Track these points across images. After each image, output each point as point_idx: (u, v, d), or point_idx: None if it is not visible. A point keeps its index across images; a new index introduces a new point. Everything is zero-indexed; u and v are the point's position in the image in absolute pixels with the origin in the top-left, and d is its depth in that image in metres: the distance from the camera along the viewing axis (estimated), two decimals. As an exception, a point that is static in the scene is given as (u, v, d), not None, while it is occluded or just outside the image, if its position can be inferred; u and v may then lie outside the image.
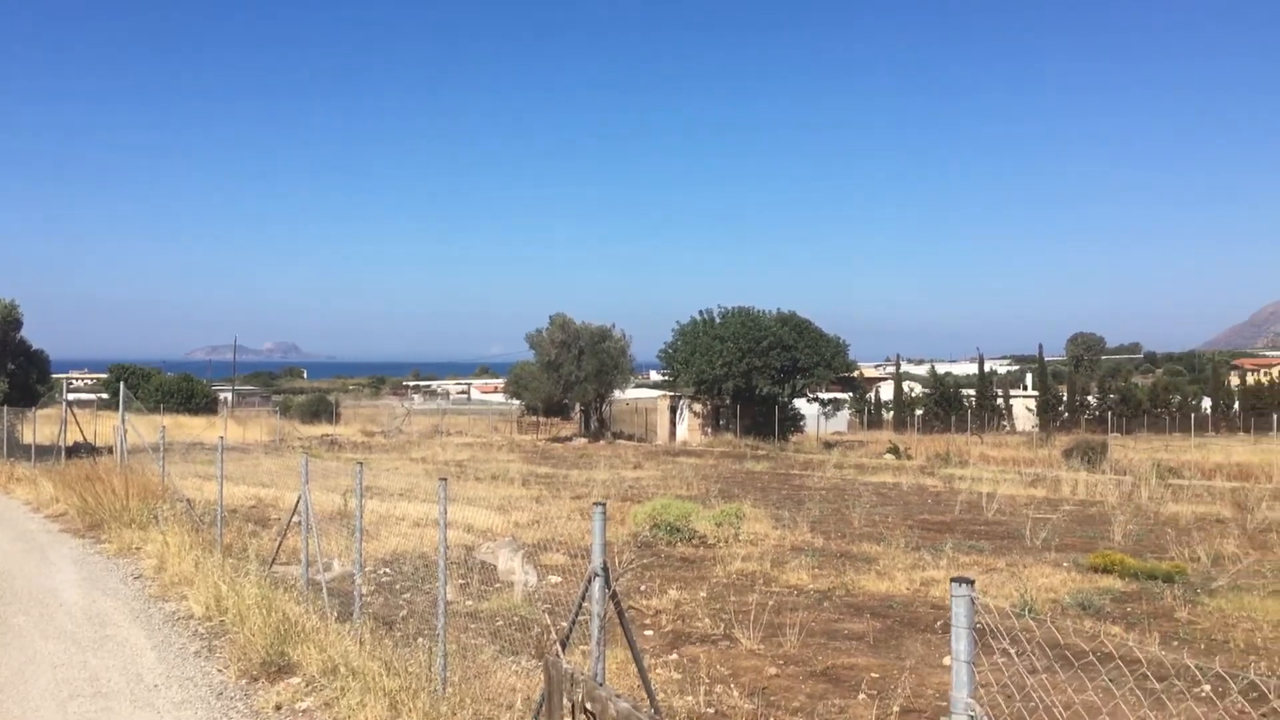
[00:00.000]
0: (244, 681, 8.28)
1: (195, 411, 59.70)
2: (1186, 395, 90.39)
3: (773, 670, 8.86)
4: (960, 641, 2.98)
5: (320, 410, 66.68)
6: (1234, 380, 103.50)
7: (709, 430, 52.58)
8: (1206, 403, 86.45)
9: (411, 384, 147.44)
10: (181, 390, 64.39)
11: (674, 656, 9.32)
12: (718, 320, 51.96)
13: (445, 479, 7.69)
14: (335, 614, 9.32)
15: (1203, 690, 7.62)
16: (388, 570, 13.36)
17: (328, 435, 49.51)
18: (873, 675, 8.71)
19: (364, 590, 9.96)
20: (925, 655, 9.35)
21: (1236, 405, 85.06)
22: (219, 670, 8.67)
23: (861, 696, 8.11)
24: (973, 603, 2.96)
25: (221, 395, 74.38)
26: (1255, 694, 7.33)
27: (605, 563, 4.98)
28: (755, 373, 49.17)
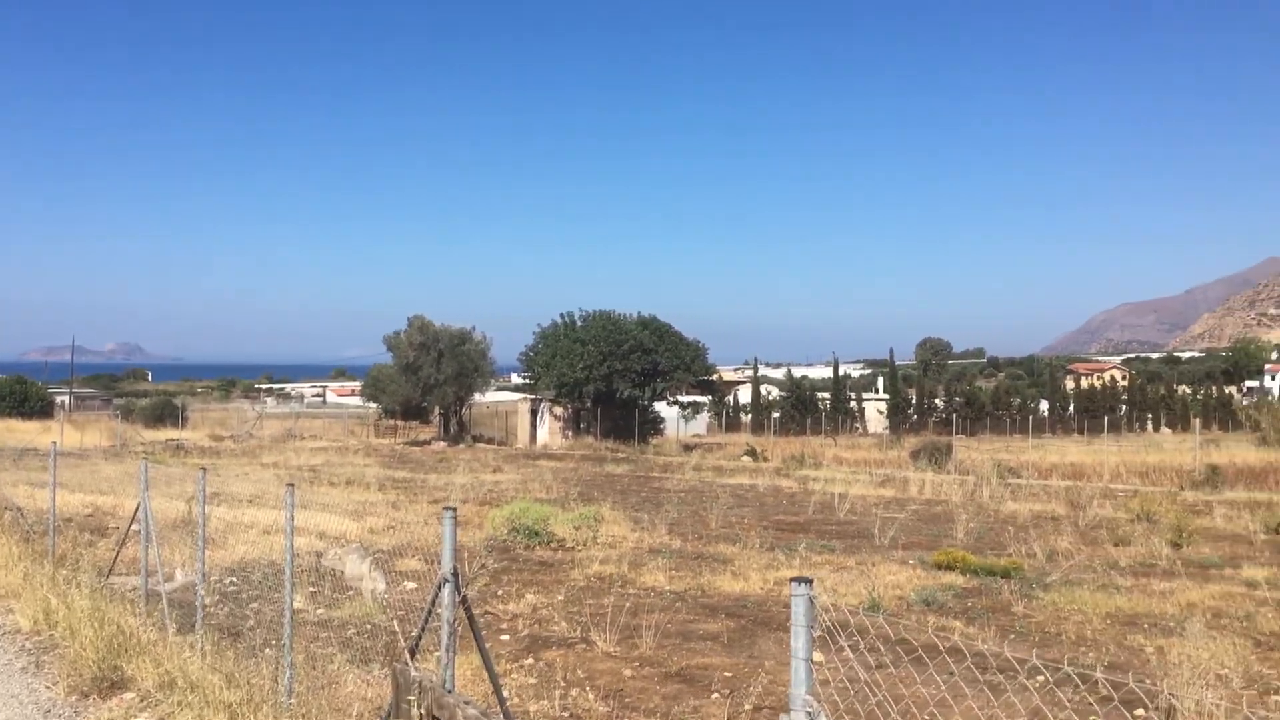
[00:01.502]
0: (74, 698, 7.88)
1: (29, 415, 56.76)
2: (1026, 398, 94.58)
3: (629, 672, 8.89)
4: (799, 639, 3.03)
5: (166, 414, 64.03)
6: (1069, 384, 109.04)
7: (570, 433, 52.55)
8: (1044, 405, 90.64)
9: (264, 387, 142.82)
10: (14, 393, 61.09)
11: (530, 660, 9.27)
12: (579, 323, 51.98)
13: (293, 484, 7.48)
14: (176, 626, 8.95)
15: (1035, 681, 7.97)
16: (234, 579, 12.91)
17: (173, 440, 47.59)
18: (726, 675, 8.83)
19: (209, 600, 9.60)
20: (778, 654, 9.53)
21: (1071, 407, 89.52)
22: (47, 687, 8.23)
23: (715, 696, 8.21)
24: (812, 602, 3.02)
25: (58, 398, 70.61)
26: (1085, 684, 7.69)
27: (456, 568, 4.91)
28: (616, 376, 49.35)
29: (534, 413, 54.00)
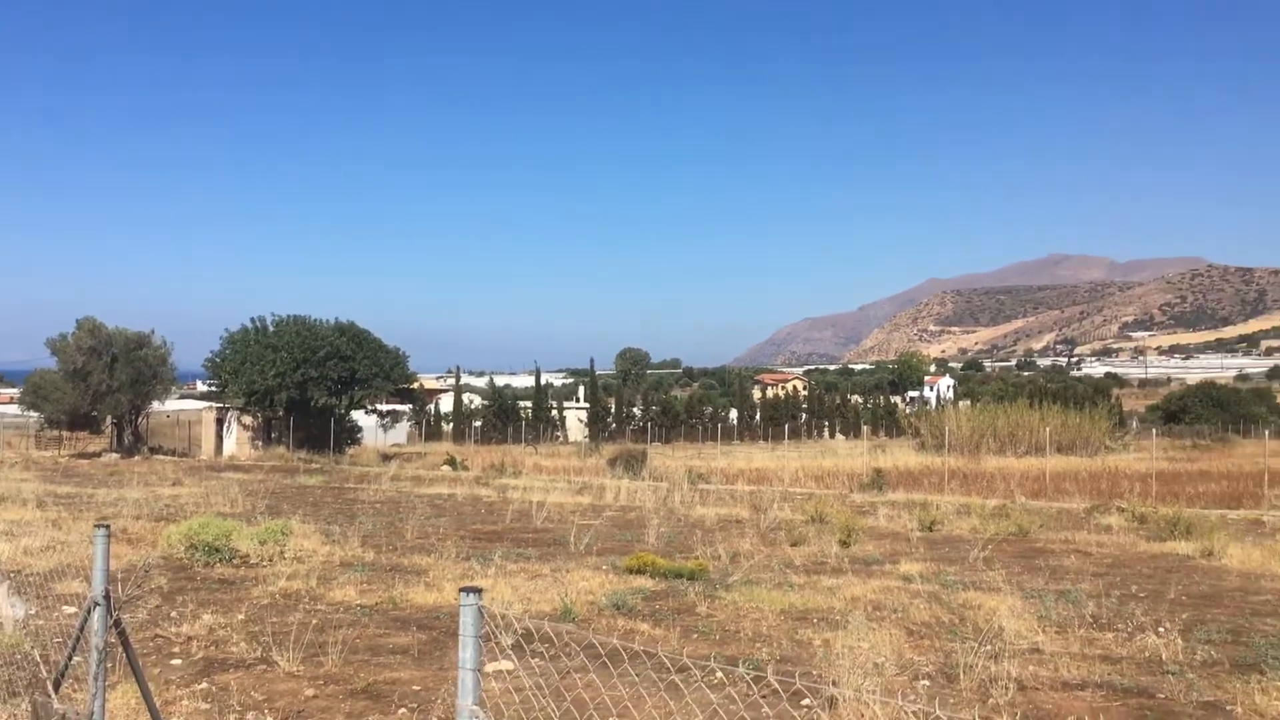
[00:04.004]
0: None
1: None
2: (717, 407, 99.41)
3: (311, 691, 8.54)
4: (467, 650, 3.01)
5: None
6: (757, 393, 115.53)
7: (260, 444, 50.16)
8: (734, 413, 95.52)
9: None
10: None
11: (204, 685, 8.72)
12: (271, 329, 49.75)
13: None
14: None
15: (713, 679, 8.33)
16: None
17: None
18: (415, 688, 8.66)
19: None
20: (468, 664, 9.44)
21: (758, 415, 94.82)
22: None
23: (401, 711, 8.04)
24: (480, 612, 3.01)
25: None
26: (759, 678, 8.12)
27: (108, 590, 4.54)
28: (311, 384, 47.60)
29: (220, 422, 51.17)
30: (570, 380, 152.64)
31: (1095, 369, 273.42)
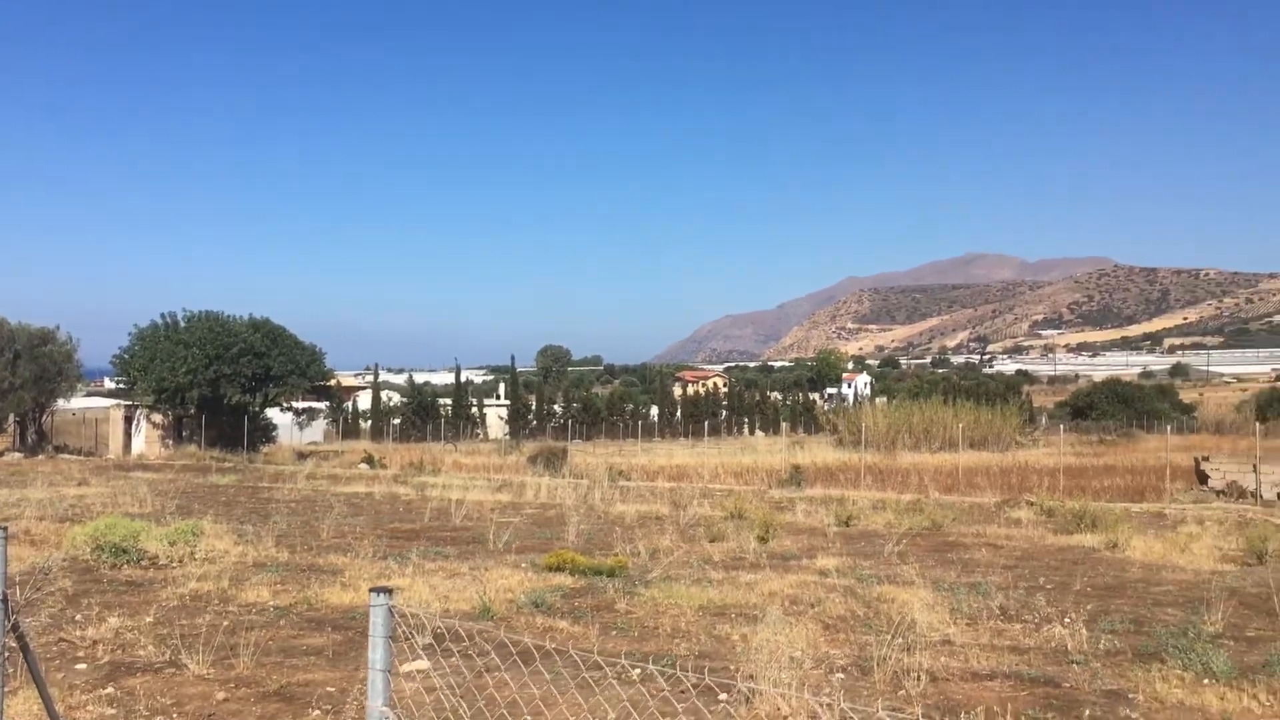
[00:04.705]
0: None
1: None
2: (638, 404, 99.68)
3: (222, 695, 8.37)
4: (377, 651, 2.98)
5: None
6: (677, 390, 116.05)
7: (170, 442, 49.02)
8: (655, 410, 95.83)
9: None
10: None
11: (110, 690, 8.49)
12: (182, 325, 48.64)
13: None
14: None
15: (633, 675, 8.35)
16: None
17: None
18: (329, 690, 8.54)
19: None
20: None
21: (679, 412, 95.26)
22: None
23: (315, 713, 7.91)
24: (391, 612, 2.97)
25: None
26: (672, 675, 8.15)
27: (5, 592, 4.40)
28: (224, 381, 46.64)
29: (129, 420, 49.90)
30: (491, 377, 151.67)
31: (1007, 366, 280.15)
